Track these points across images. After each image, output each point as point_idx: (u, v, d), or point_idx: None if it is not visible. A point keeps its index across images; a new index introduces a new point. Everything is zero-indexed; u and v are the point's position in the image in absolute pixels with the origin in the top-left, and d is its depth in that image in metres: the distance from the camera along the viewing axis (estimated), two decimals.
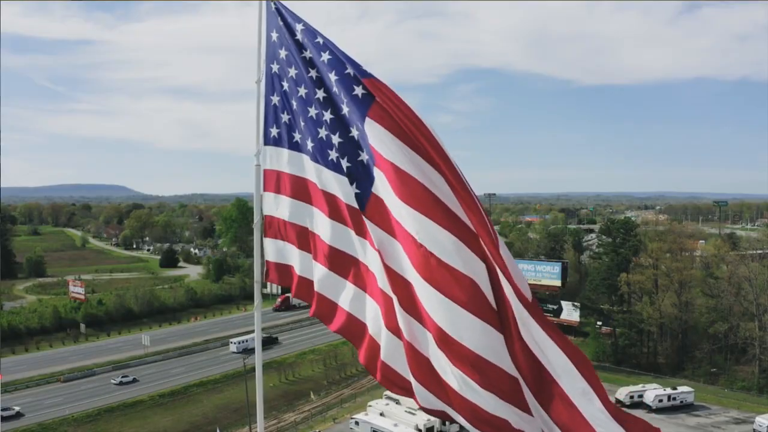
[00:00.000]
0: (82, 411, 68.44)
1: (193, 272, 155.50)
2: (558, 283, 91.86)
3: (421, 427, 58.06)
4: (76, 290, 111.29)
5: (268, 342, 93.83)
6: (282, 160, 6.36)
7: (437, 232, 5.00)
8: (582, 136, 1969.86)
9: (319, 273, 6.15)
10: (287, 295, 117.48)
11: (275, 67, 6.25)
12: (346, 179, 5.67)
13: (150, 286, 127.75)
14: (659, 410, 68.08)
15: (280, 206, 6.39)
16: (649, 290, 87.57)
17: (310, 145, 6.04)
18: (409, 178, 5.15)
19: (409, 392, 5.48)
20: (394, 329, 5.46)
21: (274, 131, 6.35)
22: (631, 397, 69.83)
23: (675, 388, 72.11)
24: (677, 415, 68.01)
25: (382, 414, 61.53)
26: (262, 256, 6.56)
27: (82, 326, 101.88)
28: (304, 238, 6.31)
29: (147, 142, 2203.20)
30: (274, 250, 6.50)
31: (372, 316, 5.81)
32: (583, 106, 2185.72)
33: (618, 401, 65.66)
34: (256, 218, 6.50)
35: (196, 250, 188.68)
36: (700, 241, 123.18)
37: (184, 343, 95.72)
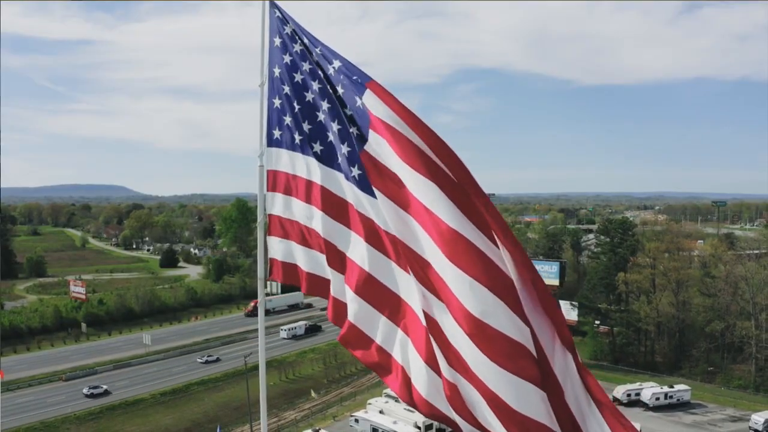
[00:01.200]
0: (83, 409, 68.97)
1: (193, 272, 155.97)
2: (556, 282, 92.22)
3: (420, 425, 58.38)
4: (77, 290, 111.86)
5: (313, 329, 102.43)
6: (286, 162, 6.56)
7: (479, 291, 4.94)
8: (582, 136, 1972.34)
9: (352, 301, 5.96)
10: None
11: (277, 71, 6.45)
12: (377, 201, 5.53)
13: (150, 286, 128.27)
14: (656, 408, 68.64)
15: (314, 218, 6.37)
16: (646, 289, 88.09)
17: (339, 158, 6.03)
18: (439, 221, 5.04)
19: (455, 426, 5.58)
20: (434, 366, 5.46)
21: (276, 133, 6.56)
22: (629, 395, 70.25)
23: (672, 387, 72.51)
24: (674, 413, 68.54)
25: (381, 412, 61.90)
26: (266, 254, 6.70)
27: (83, 326, 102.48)
28: (338, 258, 6.19)
29: (147, 142, 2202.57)
30: (306, 258, 6.51)
31: (403, 352, 5.77)
32: (583, 106, 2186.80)
33: (615, 399, 66.11)
34: (260, 217, 6.68)
35: (196, 250, 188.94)
36: (699, 241, 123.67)
37: (185, 342, 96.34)
